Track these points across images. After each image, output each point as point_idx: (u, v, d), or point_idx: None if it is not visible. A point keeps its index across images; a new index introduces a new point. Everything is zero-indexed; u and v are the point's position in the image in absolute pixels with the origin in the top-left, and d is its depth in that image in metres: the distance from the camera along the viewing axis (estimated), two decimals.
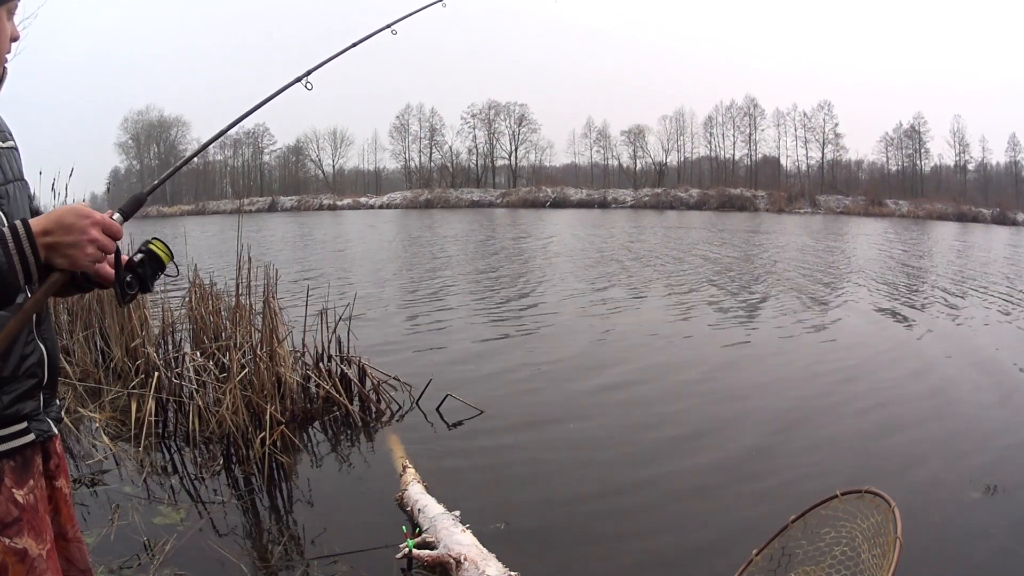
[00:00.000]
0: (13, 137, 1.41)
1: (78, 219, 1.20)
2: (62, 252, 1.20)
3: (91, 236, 1.21)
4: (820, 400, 5.79)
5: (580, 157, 62.44)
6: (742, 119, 58.49)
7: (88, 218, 1.21)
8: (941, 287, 12.67)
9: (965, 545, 3.44)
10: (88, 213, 1.21)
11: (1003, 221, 41.87)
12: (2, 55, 1.32)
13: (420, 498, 3.56)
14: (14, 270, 1.17)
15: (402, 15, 2.03)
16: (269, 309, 4.95)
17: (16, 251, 1.16)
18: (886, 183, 53.59)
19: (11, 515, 1.28)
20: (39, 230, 1.19)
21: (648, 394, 5.97)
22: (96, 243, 1.21)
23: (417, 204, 54.67)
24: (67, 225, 1.19)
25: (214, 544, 3.29)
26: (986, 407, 5.62)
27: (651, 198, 52.37)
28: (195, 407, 4.63)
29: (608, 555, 3.34)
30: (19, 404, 1.31)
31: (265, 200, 57.50)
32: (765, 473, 4.28)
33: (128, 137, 60.99)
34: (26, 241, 1.17)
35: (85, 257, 1.21)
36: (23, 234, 1.18)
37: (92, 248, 1.21)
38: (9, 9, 1.31)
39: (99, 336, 5.97)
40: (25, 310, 1.25)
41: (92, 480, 4.01)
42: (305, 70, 1.69)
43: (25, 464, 1.33)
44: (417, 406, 5.48)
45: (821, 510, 2.33)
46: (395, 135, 63.38)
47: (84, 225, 1.20)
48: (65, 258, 1.21)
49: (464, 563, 2.89)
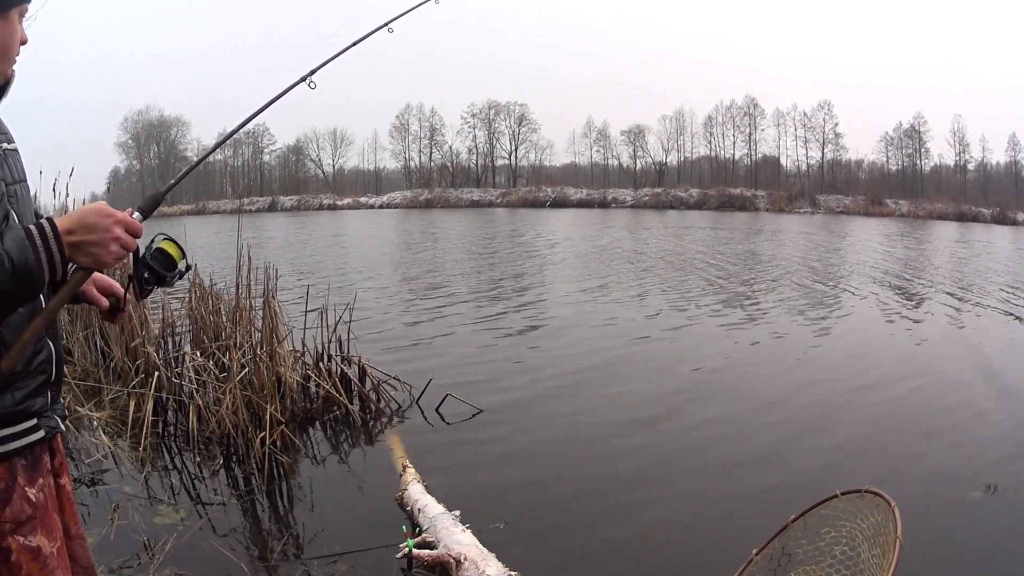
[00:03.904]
0: (14, 139, 1.41)
1: (101, 218, 1.22)
2: (86, 251, 1.22)
3: (115, 234, 1.23)
4: (820, 400, 5.79)
5: (580, 157, 62.46)
6: (742, 119, 58.50)
7: (111, 217, 1.23)
8: (942, 287, 12.67)
9: (965, 545, 3.44)
10: (111, 212, 1.24)
11: (1003, 221, 41.85)
12: (12, 57, 1.32)
13: (420, 498, 3.56)
14: (41, 268, 1.19)
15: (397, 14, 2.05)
16: (269, 309, 4.95)
17: (44, 249, 1.19)
18: (886, 183, 53.56)
19: (25, 513, 1.28)
20: (63, 229, 1.21)
21: (648, 394, 5.97)
22: (119, 241, 1.24)
23: (417, 204, 54.64)
24: (90, 224, 1.22)
25: (214, 544, 3.29)
26: (986, 407, 5.62)
27: (651, 198, 52.34)
28: (195, 407, 4.63)
29: (608, 555, 3.34)
30: (30, 400, 1.32)
31: (265, 200, 57.47)
32: (765, 473, 4.29)
33: (128, 137, 61.02)
34: (53, 239, 1.20)
35: (109, 255, 1.24)
36: (50, 233, 1.20)
37: (115, 246, 1.24)
38: (21, 11, 1.31)
39: (99, 336, 5.98)
40: (49, 308, 1.28)
41: (92, 479, 4.01)
42: (309, 69, 1.71)
43: (35, 462, 1.34)
44: (417, 406, 5.48)
45: (821, 510, 2.33)
46: (395, 135, 63.41)
47: (108, 224, 1.22)
48: (89, 256, 1.23)
49: (464, 563, 2.89)
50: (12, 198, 1.32)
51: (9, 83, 1.34)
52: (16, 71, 1.35)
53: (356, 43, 1.92)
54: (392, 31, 2.01)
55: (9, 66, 1.32)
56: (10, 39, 1.30)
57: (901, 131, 55.32)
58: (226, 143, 54.64)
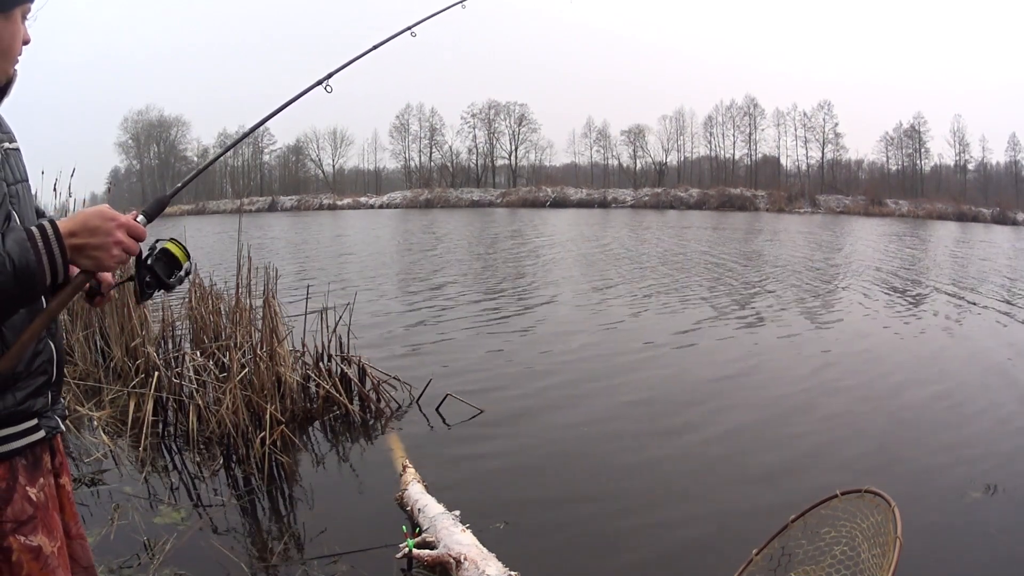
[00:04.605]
0: (16, 139, 1.41)
1: (104, 221, 1.22)
2: (87, 254, 1.22)
3: (117, 238, 1.23)
4: (820, 400, 5.79)
5: (580, 157, 62.55)
6: (742, 119, 58.57)
7: (114, 220, 1.23)
8: (943, 287, 12.67)
9: (965, 545, 3.44)
10: (113, 215, 1.24)
11: (1003, 221, 41.87)
12: (14, 57, 1.32)
13: (420, 498, 3.56)
14: (42, 269, 1.18)
15: (422, 17, 2.01)
16: (269, 309, 4.95)
17: (45, 251, 1.18)
18: (886, 183, 53.60)
19: (26, 513, 1.29)
20: (65, 231, 1.20)
21: (648, 393, 5.97)
22: (121, 245, 1.24)
23: (417, 204, 54.66)
24: (93, 227, 1.22)
25: (214, 544, 3.29)
26: (986, 407, 5.61)
27: (651, 198, 52.37)
28: (195, 407, 4.63)
29: (608, 555, 3.34)
30: (31, 400, 1.33)
31: (265, 200, 57.48)
32: (765, 473, 4.29)
33: (128, 137, 61.06)
34: (55, 241, 1.19)
35: (111, 259, 1.24)
36: (52, 234, 1.19)
37: (118, 250, 1.23)
38: (24, 11, 1.31)
39: (99, 335, 5.97)
40: (50, 310, 1.27)
41: (92, 479, 4.01)
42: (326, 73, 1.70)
43: (36, 462, 1.34)
44: (417, 406, 5.48)
45: (821, 510, 2.33)
46: (395, 135, 63.49)
47: (110, 227, 1.22)
48: (90, 259, 1.23)
49: (464, 563, 2.89)
50: (14, 198, 1.32)
51: (11, 82, 1.34)
52: (18, 71, 1.35)
53: (377, 47, 1.90)
54: (415, 35, 1.99)
55: (11, 65, 1.32)
56: (12, 38, 1.30)
57: (901, 131, 55.43)
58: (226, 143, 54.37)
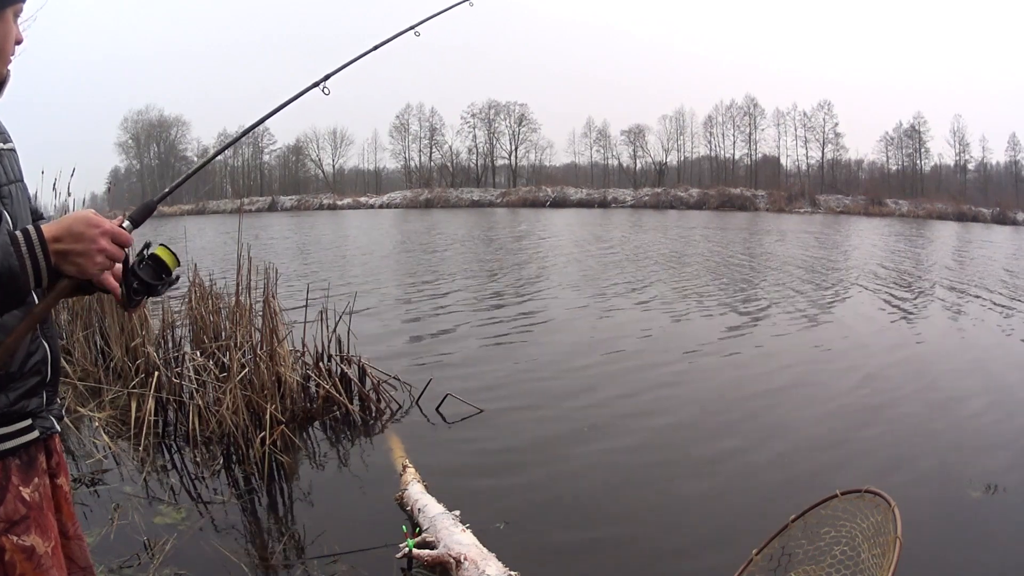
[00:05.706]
0: (11, 139, 1.41)
1: (88, 228, 1.21)
2: (71, 260, 1.21)
3: (100, 246, 1.22)
4: (820, 400, 5.79)
5: (580, 157, 62.53)
6: (742, 119, 58.54)
7: (98, 227, 1.22)
8: (943, 287, 12.66)
9: (965, 545, 3.44)
10: (98, 222, 1.22)
11: (1003, 221, 41.85)
12: (7, 57, 1.32)
13: (420, 497, 3.56)
14: (26, 274, 1.18)
15: (427, 16, 1.97)
16: (269, 309, 4.95)
17: (28, 255, 1.18)
18: (886, 183, 53.59)
19: (19, 513, 1.29)
20: (50, 236, 1.19)
21: (648, 394, 5.96)
22: (105, 252, 1.23)
23: (417, 204, 54.64)
24: (77, 234, 1.20)
25: (214, 543, 3.29)
26: (986, 407, 5.61)
27: (651, 198, 52.35)
28: (195, 407, 4.63)
29: (608, 555, 3.34)
30: (24, 401, 1.33)
31: (265, 200, 57.47)
32: (765, 473, 4.29)
33: (128, 137, 61.05)
34: (38, 246, 1.18)
35: (93, 266, 1.23)
36: (35, 239, 1.19)
37: (101, 257, 1.22)
38: (15, 11, 1.31)
39: (99, 335, 5.97)
40: (34, 315, 1.27)
41: (92, 479, 4.01)
42: (323, 74, 1.67)
43: (30, 462, 1.34)
44: (417, 406, 5.48)
45: (821, 510, 2.33)
46: (395, 135, 63.45)
47: (94, 234, 1.21)
48: (74, 266, 1.22)
49: (464, 563, 2.89)
50: (6, 199, 1.32)
51: (5, 82, 1.34)
52: (12, 71, 1.34)
53: (378, 46, 1.85)
54: (419, 35, 1.96)
55: (4, 65, 1.32)
56: (5, 39, 1.29)
57: (901, 131, 55.41)
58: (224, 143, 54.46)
